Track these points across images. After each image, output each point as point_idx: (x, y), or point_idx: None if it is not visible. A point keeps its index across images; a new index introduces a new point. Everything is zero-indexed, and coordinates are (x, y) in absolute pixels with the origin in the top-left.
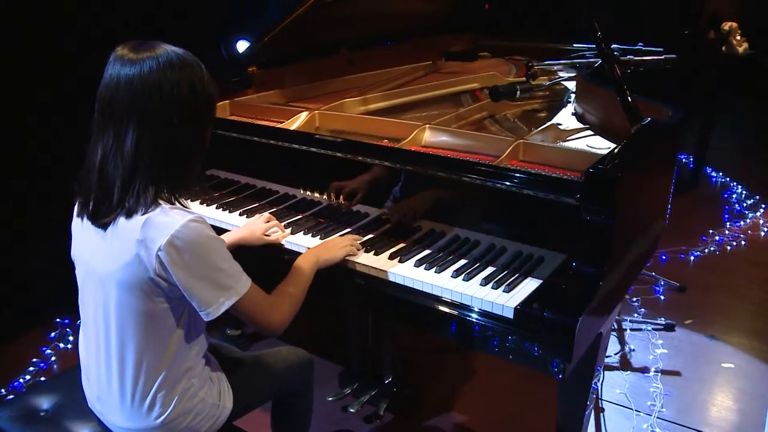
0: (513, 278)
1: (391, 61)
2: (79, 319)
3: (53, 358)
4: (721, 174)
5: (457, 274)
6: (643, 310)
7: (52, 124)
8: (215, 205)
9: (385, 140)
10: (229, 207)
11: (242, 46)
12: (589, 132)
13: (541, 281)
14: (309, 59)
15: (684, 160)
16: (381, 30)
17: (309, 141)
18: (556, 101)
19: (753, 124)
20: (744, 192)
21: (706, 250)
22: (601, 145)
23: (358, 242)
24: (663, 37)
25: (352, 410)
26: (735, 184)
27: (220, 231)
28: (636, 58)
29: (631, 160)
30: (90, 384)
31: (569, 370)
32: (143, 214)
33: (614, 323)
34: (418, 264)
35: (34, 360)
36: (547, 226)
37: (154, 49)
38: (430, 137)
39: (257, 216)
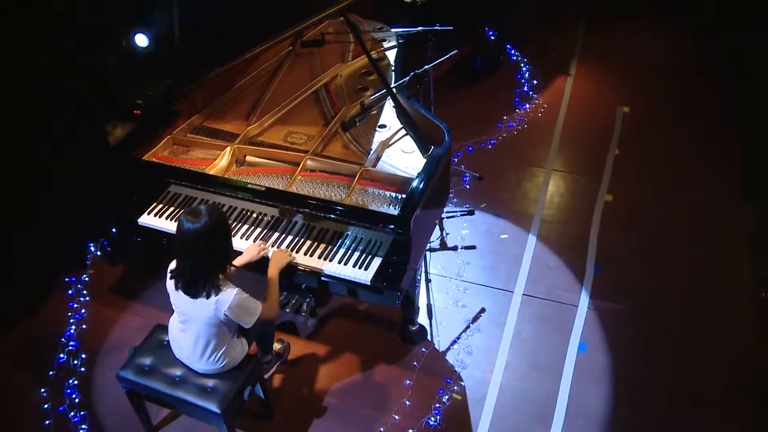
0: (368, 259)
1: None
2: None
3: (83, 310)
4: (518, 53)
5: (339, 261)
6: (455, 199)
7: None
8: None
9: (285, 165)
10: None
11: (140, 39)
12: (402, 132)
13: (381, 259)
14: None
15: (489, 35)
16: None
17: (241, 189)
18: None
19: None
20: (526, 68)
21: (500, 137)
22: (411, 149)
23: (293, 252)
24: None
25: (287, 310)
26: (525, 61)
27: None
28: (433, 63)
29: (421, 198)
30: (182, 350)
31: (400, 302)
32: (215, 296)
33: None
34: (324, 257)
35: (69, 314)
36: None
37: (201, 212)
38: (311, 164)
39: (253, 243)
